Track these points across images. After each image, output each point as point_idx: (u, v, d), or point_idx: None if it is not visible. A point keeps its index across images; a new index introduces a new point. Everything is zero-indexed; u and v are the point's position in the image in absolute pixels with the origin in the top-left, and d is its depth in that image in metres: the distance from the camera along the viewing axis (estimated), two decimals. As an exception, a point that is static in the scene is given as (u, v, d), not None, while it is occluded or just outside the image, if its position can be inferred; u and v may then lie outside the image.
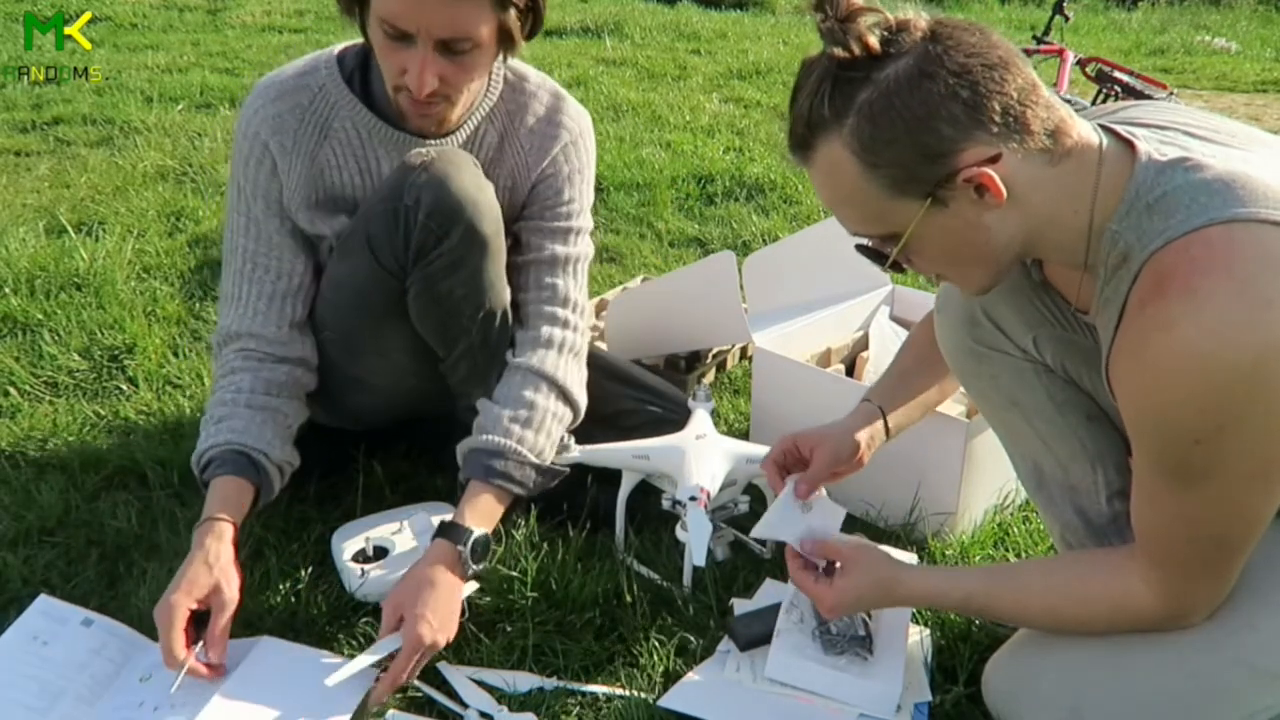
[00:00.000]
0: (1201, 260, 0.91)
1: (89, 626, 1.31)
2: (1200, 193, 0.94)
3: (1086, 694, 1.12)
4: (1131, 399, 0.99)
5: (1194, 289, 0.90)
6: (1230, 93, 6.39)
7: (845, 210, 1.04)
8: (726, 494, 1.52)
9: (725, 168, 3.66)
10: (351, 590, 1.44)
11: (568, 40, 6.79)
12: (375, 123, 1.47)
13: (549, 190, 1.56)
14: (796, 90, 1.01)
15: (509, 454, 1.44)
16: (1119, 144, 1.01)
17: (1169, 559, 1.04)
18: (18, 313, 2.30)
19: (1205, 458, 0.95)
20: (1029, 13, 9.59)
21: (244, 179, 1.49)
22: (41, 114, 4.22)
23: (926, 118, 0.94)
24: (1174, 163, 0.97)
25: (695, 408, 1.62)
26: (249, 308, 1.50)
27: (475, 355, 1.52)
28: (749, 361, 2.20)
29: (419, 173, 1.37)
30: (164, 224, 3.01)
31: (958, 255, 1.05)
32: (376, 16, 1.32)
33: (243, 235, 1.50)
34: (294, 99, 1.46)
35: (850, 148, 0.97)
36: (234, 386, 1.47)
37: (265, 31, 6.68)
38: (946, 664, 1.33)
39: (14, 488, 1.69)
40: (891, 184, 0.98)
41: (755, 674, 1.31)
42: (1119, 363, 1.00)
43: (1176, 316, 0.91)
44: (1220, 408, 0.91)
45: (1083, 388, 1.27)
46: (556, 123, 1.56)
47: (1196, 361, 0.90)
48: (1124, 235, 0.98)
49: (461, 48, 1.33)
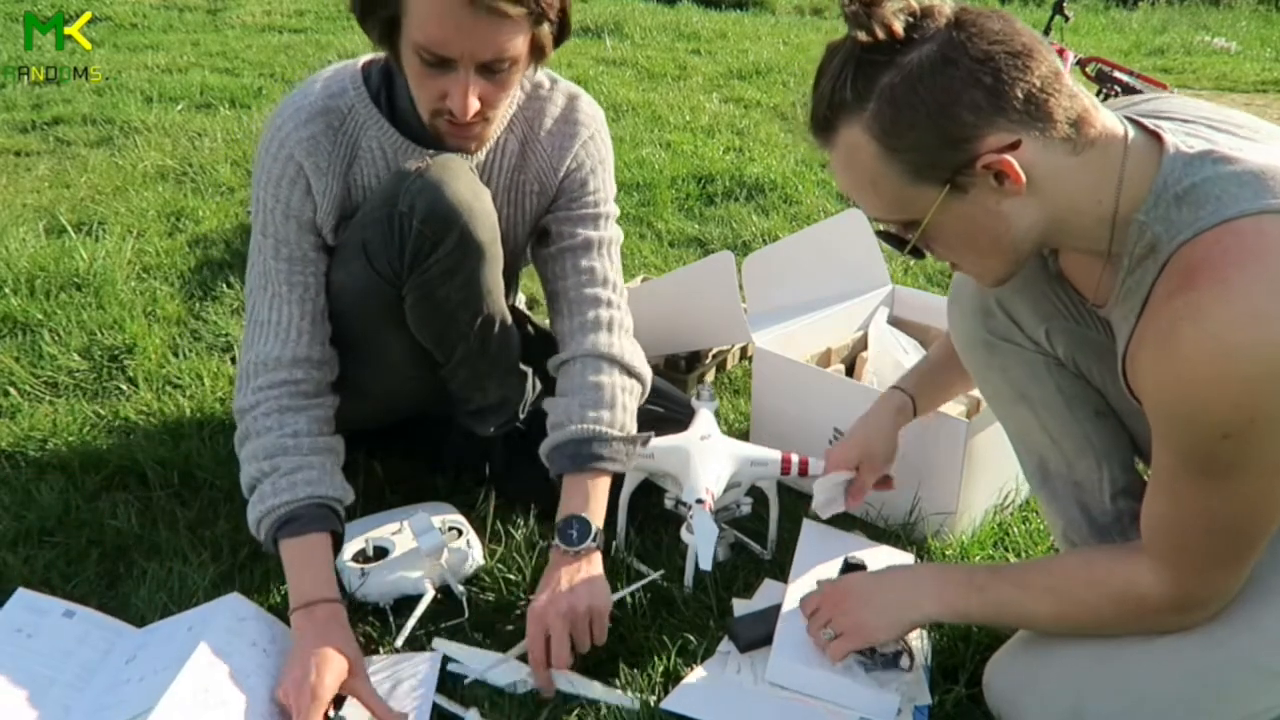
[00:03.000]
0: (1233, 251, 0.90)
1: (71, 618, 1.32)
2: (1230, 184, 0.93)
3: (1087, 694, 1.12)
4: (1158, 391, 0.97)
5: (1226, 280, 0.89)
6: (1230, 93, 6.39)
7: (864, 195, 1.04)
8: (729, 495, 1.52)
9: (725, 168, 3.66)
10: (351, 590, 1.44)
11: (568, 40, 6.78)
12: (403, 142, 1.45)
13: (574, 184, 1.57)
14: (820, 73, 1.01)
15: (593, 437, 1.45)
16: (1145, 135, 1.01)
17: (1183, 553, 1.03)
18: (18, 313, 2.30)
19: (1233, 452, 0.93)
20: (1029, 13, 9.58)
21: (274, 200, 1.43)
22: (41, 114, 4.23)
23: (948, 104, 0.94)
24: (1202, 155, 0.97)
25: (699, 408, 1.62)
26: (292, 330, 1.43)
27: (474, 361, 1.52)
28: (749, 361, 2.20)
29: (413, 179, 1.36)
30: (164, 224, 3.01)
31: (976, 243, 1.04)
32: (413, 44, 1.29)
33: (273, 258, 1.44)
34: (325, 120, 1.43)
35: (871, 132, 0.97)
36: (291, 430, 1.39)
37: (265, 31, 6.68)
38: (946, 664, 1.33)
39: (14, 488, 1.69)
40: (911, 169, 0.97)
41: (756, 675, 1.30)
42: (1141, 354, 0.99)
43: (1207, 306, 0.89)
44: (1252, 401, 0.89)
45: (1093, 383, 1.27)
46: (574, 121, 1.57)
47: (1228, 352, 0.88)
48: (1151, 226, 0.97)
49: (501, 67, 1.32)
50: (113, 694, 1.20)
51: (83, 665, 1.25)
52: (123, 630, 1.33)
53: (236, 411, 1.43)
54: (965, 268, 1.10)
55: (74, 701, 1.20)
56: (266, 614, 1.33)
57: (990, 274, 1.09)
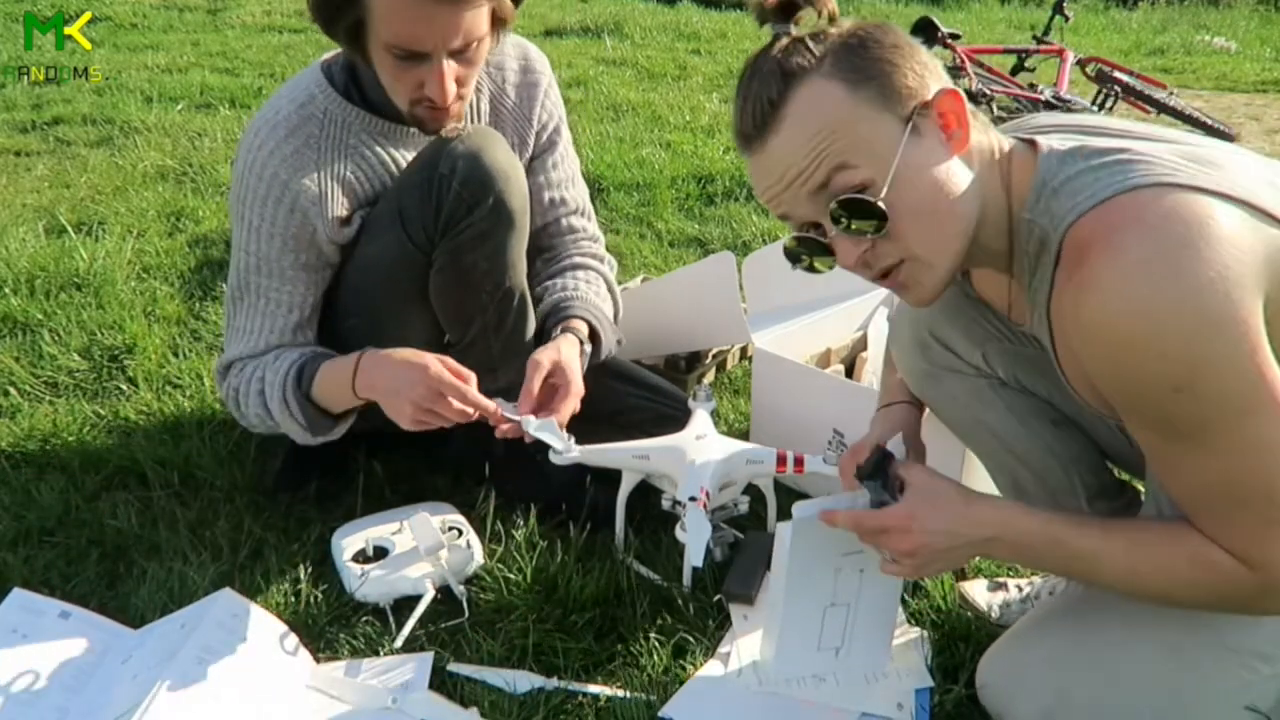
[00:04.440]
0: (1114, 222, 0.92)
1: (67, 619, 1.32)
2: (1101, 171, 0.96)
3: (1070, 677, 1.14)
4: (1097, 374, 0.97)
5: (1111, 245, 0.91)
6: (1230, 93, 6.39)
7: (828, 145, 0.98)
8: (726, 494, 1.52)
9: (725, 168, 3.66)
10: (351, 590, 1.44)
11: (568, 40, 6.79)
12: (388, 126, 1.50)
13: (547, 144, 1.70)
14: (751, 70, 1.02)
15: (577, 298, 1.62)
16: (1022, 144, 1.05)
17: (1224, 524, 0.97)
18: (18, 313, 2.30)
19: (1192, 405, 0.92)
20: (1029, 13, 9.59)
21: (258, 218, 1.46)
22: (41, 114, 4.23)
23: (897, 45, 0.99)
24: (1072, 151, 1.00)
25: (696, 408, 1.62)
26: (261, 339, 1.52)
27: (489, 338, 1.54)
28: (749, 361, 2.20)
29: (456, 143, 1.41)
30: (164, 224, 3.01)
31: (934, 204, 0.99)
32: (383, 43, 1.33)
33: (254, 273, 1.49)
34: (304, 132, 1.45)
35: (833, 76, 0.98)
36: (264, 366, 1.50)
37: (265, 31, 6.68)
38: (946, 664, 1.33)
39: (14, 488, 1.69)
40: (879, 96, 0.97)
41: (760, 679, 1.31)
42: (1068, 348, 1.00)
43: (1100, 273, 0.91)
44: (1180, 349, 0.89)
45: (1040, 396, 1.28)
46: (531, 69, 1.66)
47: (1134, 309, 0.89)
48: (1038, 221, 1.00)
49: (471, 48, 1.36)
50: (108, 694, 1.20)
51: (78, 666, 1.25)
52: (119, 631, 1.33)
53: (224, 401, 1.55)
54: (917, 250, 1.02)
55: (70, 702, 1.20)
56: (259, 610, 1.33)
57: (940, 260, 1.02)
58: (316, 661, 1.33)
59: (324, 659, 1.35)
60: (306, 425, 1.49)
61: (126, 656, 1.26)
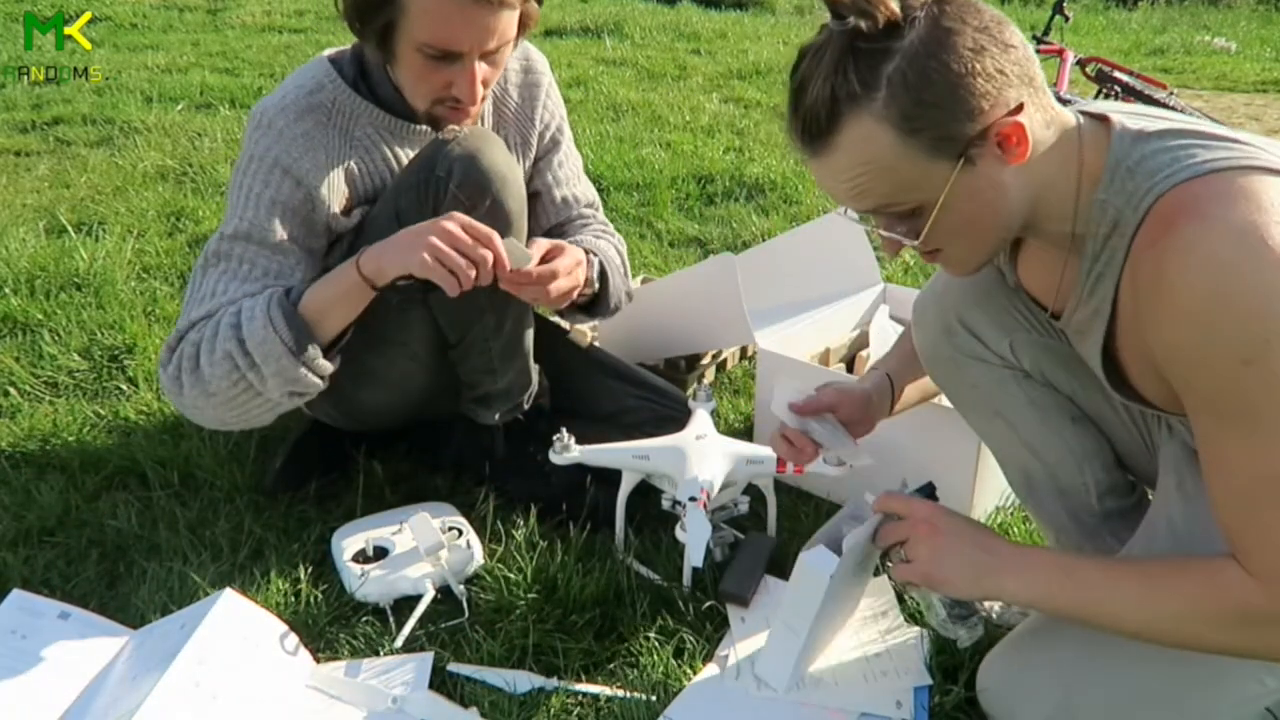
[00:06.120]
0: (1204, 196, 0.90)
1: (66, 620, 1.32)
2: (1179, 151, 0.95)
3: (1076, 683, 1.13)
4: (1165, 341, 0.94)
5: (1205, 214, 0.89)
6: (1230, 93, 6.39)
7: (876, 184, 0.99)
8: (726, 494, 1.52)
9: (725, 168, 3.66)
10: (351, 590, 1.44)
11: (568, 40, 6.79)
12: (394, 122, 1.50)
13: (550, 144, 1.70)
14: (804, 77, 0.97)
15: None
16: (1091, 119, 1.03)
17: (1262, 532, 0.92)
18: (18, 313, 2.30)
19: (1259, 382, 0.88)
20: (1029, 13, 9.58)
21: (261, 185, 1.42)
22: (41, 114, 4.23)
23: (963, 75, 0.92)
24: (1145, 132, 0.98)
25: (696, 408, 1.62)
26: (226, 299, 1.39)
27: (489, 341, 1.54)
28: (749, 361, 2.20)
29: (453, 145, 1.41)
30: (164, 224, 3.01)
31: (979, 220, 1.01)
32: (415, 42, 1.34)
33: (242, 240, 1.41)
34: (314, 117, 1.45)
35: (886, 119, 0.94)
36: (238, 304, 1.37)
37: (265, 31, 6.68)
38: (946, 664, 1.33)
39: (14, 488, 1.69)
40: (929, 147, 0.95)
41: (759, 682, 1.31)
42: (1135, 315, 0.97)
43: (1190, 235, 0.89)
44: (1261, 319, 0.86)
45: (1061, 391, 1.28)
46: (533, 69, 1.67)
47: (1222, 268, 0.86)
48: (1112, 202, 0.98)
49: (500, 50, 1.38)
50: (107, 695, 1.20)
51: (78, 668, 1.25)
52: (118, 632, 1.33)
53: (169, 382, 1.39)
54: (951, 252, 1.05)
55: (69, 704, 1.20)
56: (260, 610, 1.33)
57: (974, 257, 1.06)
58: (316, 661, 1.33)
59: (324, 659, 1.35)
60: (293, 344, 1.33)
61: (126, 657, 1.26)
